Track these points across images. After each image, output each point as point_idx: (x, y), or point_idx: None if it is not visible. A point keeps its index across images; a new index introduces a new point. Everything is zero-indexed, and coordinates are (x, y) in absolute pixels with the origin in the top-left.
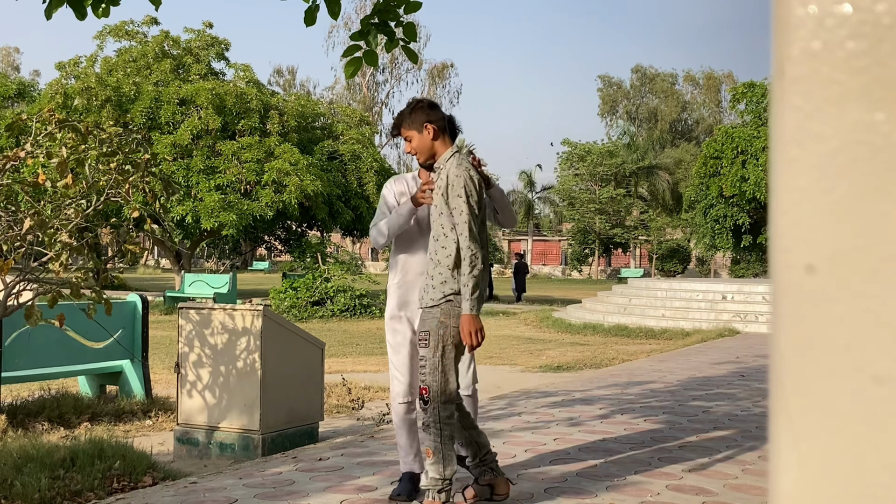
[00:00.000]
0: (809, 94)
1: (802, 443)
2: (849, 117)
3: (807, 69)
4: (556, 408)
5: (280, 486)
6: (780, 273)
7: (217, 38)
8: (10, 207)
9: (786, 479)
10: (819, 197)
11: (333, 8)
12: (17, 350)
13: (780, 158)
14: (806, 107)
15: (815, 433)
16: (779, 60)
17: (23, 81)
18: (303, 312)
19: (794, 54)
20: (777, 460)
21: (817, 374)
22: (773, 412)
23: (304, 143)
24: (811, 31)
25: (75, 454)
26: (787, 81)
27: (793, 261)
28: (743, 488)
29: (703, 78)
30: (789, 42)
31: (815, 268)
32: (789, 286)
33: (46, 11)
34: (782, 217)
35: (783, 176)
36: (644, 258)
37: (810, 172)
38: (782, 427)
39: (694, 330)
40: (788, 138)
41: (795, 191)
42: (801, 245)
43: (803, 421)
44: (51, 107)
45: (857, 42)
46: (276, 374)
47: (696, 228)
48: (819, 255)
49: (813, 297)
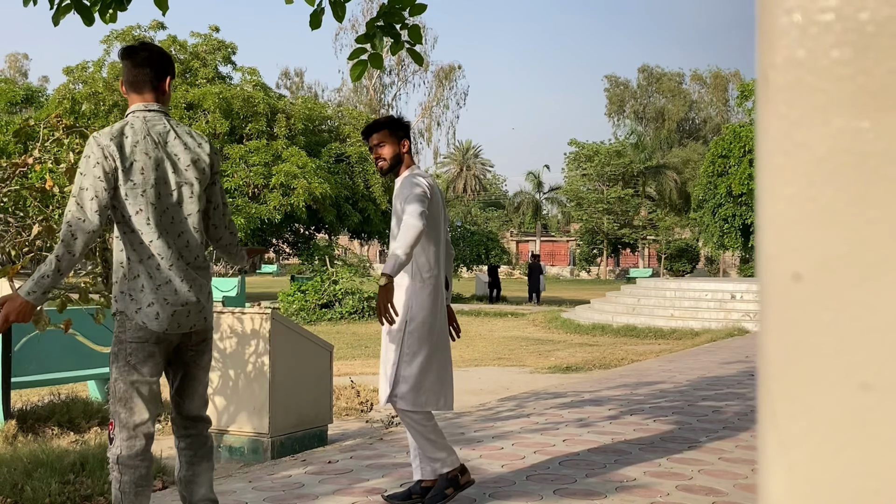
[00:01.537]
0: (794, 103)
1: (791, 450)
2: (834, 125)
3: (791, 77)
4: (565, 409)
5: (290, 489)
6: (767, 281)
7: (224, 41)
8: (19, 213)
9: (774, 486)
10: (805, 205)
11: (338, 11)
12: (26, 355)
13: (766, 166)
14: (791, 115)
15: (803, 440)
16: (763, 69)
17: (31, 87)
18: (311, 315)
19: (778, 62)
20: (765, 467)
21: (805, 382)
22: (761, 419)
23: (311, 146)
24: (795, 39)
25: (85, 459)
26: (772, 90)
27: (780, 269)
28: (753, 488)
29: (710, 77)
30: (774, 50)
31: (801, 276)
32: (776, 294)
33: (54, 18)
34: (769, 225)
35: (769, 184)
36: (653, 258)
37: (796, 180)
38: (770, 434)
39: (703, 330)
40: (774, 146)
41: (781, 199)
42: (787, 253)
43: (791, 428)
44: (58, 112)
45: (842, 50)
46: (284, 377)
47: (704, 228)
48: (806, 263)
49: (800, 305)
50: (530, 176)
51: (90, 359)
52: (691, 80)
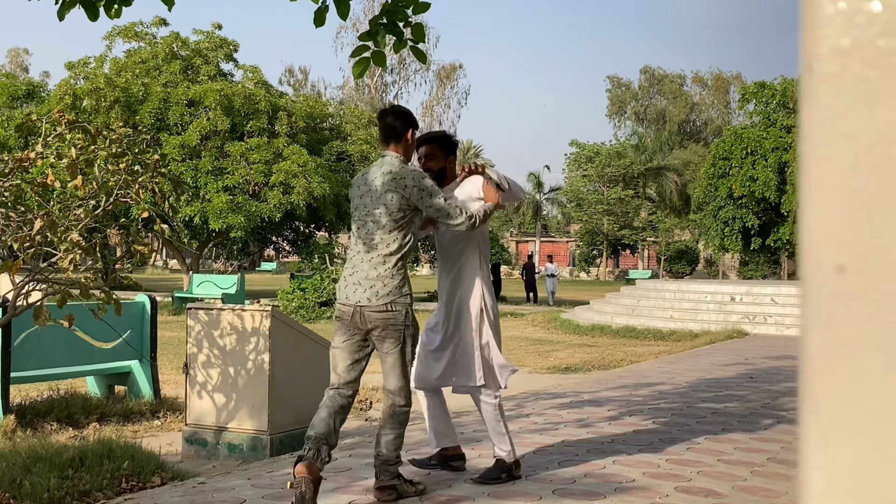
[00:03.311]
0: (839, 93)
1: (832, 445)
2: (879, 116)
3: (836, 67)
4: (564, 409)
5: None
6: (809, 273)
7: (226, 39)
8: (20, 208)
9: (816, 482)
10: (849, 196)
11: (342, 9)
12: (26, 350)
13: (810, 157)
14: (835, 105)
15: (845, 435)
16: (808, 58)
17: (32, 82)
18: (311, 313)
19: (823, 52)
20: (807, 463)
21: (847, 376)
22: (803, 414)
23: (312, 144)
24: (840, 28)
25: (84, 454)
26: (816, 80)
27: (823, 260)
28: (752, 490)
29: (712, 79)
30: (818, 40)
31: (845, 268)
32: (819, 286)
33: (59, 12)
34: (812, 217)
35: (812, 175)
36: (652, 259)
37: (840, 171)
38: (812, 429)
39: (702, 331)
40: (818, 137)
41: (825, 190)
42: (831, 245)
43: (833, 423)
44: (60, 108)
45: (888, 39)
46: (284, 374)
47: (705, 230)
48: (849, 255)
49: (843, 298)
50: (531, 176)
51: (89, 354)
52: (693, 82)
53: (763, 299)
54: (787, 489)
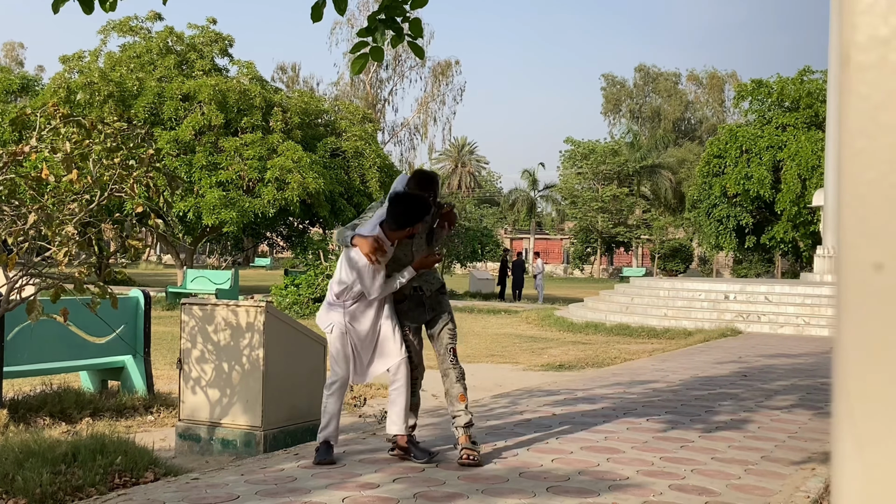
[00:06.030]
0: (878, 83)
1: (868, 449)
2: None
3: (875, 56)
4: (558, 406)
5: (282, 482)
6: (846, 270)
7: (221, 34)
8: (14, 202)
9: (849, 487)
10: (888, 190)
11: (340, 4)
12: (19, 345)
13: (847, 150)
14: (874, 96)
15: (881, 439)
16: (844, 48)
17: (26, 76)
18: (304, 309)
19: (860, 40)
20: (840, 466)
21: (884, 378)
22: (837, 417)
23: (306, 140)
24: (880, 15)
25: (77, 449)
26: (854, 69)
27: (859, 257)
28: (746, 488)
29: (707, 77)
30: (856, 27)
31: (883, 265)
32: (856, 284)
33: (54, 6)
34: (849, 211)
35: (850, 169)
36: (646, 257)
37: (879, 165)
38: (846, 432)
39: (696, 329)
40: (855, 129)
41: (863, 184)
42: (868, 241)
43: (869, 426)
44: (55, 101)
45: None
46: (278, 370)
47: (699, 228)
48: (888, 252)
49: (881, 296)
50: (525, 173)
51: (83, 349)
52: (688, 81)
53: (757, 298)
54: (781, 487)
